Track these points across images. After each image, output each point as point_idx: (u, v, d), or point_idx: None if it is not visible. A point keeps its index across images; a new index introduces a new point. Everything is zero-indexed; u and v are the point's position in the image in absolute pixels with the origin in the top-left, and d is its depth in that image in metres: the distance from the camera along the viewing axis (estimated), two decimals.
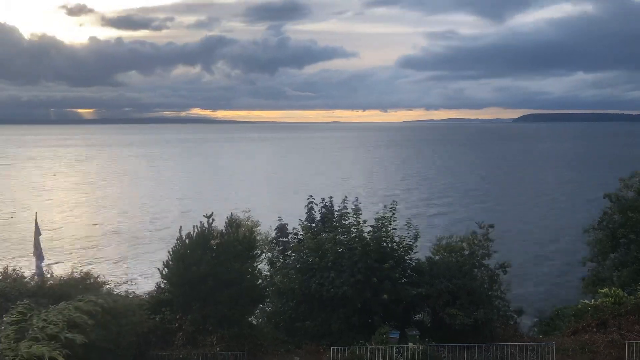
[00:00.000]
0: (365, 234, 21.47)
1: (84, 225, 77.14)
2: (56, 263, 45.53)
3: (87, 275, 19.07)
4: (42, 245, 21.03)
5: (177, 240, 18.77)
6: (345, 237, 21.37)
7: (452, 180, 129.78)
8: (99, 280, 19.22)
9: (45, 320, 12.87)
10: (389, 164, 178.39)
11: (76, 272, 19.03)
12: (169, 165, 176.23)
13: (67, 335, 12.59)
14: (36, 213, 23.68)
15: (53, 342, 12.20)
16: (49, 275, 18.74)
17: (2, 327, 12.86)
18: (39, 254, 20.49)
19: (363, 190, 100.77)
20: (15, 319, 13.07)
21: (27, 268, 21.38)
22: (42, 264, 20.53)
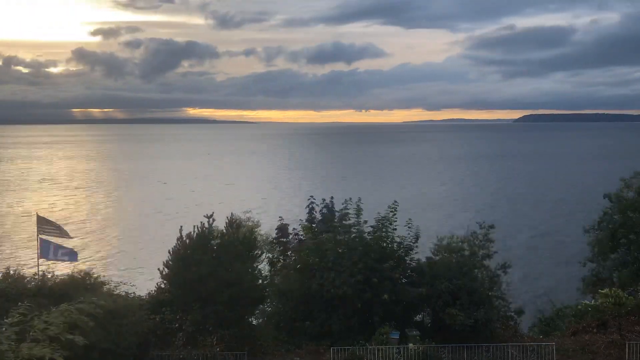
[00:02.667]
0: (366, 234, 21.48)
1: (84, 225, 77.14)
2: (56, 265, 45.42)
3: (87, 275, 19.04)
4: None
5: (177, 240, 18.77)
6: (345, 238, 21.36)
7: (452, 180, 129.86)
8: (99, 280, 19.19)
9: (46, 322, 12.87)
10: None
11: (76, 273, 19.00)
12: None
13: (68, 336, 12.59)
14: (36, 213, 23.63)
15: (54, 343, 12.20)
16: (49, 276, 18.71)
17: (3, 329, 12.84)
18: (44, 251, 20.48)
19: (365, 191, 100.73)
20: (16, 320, 13.06)
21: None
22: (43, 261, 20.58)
